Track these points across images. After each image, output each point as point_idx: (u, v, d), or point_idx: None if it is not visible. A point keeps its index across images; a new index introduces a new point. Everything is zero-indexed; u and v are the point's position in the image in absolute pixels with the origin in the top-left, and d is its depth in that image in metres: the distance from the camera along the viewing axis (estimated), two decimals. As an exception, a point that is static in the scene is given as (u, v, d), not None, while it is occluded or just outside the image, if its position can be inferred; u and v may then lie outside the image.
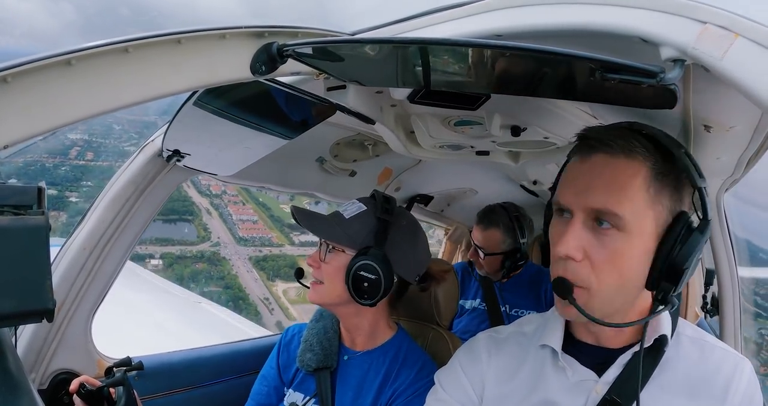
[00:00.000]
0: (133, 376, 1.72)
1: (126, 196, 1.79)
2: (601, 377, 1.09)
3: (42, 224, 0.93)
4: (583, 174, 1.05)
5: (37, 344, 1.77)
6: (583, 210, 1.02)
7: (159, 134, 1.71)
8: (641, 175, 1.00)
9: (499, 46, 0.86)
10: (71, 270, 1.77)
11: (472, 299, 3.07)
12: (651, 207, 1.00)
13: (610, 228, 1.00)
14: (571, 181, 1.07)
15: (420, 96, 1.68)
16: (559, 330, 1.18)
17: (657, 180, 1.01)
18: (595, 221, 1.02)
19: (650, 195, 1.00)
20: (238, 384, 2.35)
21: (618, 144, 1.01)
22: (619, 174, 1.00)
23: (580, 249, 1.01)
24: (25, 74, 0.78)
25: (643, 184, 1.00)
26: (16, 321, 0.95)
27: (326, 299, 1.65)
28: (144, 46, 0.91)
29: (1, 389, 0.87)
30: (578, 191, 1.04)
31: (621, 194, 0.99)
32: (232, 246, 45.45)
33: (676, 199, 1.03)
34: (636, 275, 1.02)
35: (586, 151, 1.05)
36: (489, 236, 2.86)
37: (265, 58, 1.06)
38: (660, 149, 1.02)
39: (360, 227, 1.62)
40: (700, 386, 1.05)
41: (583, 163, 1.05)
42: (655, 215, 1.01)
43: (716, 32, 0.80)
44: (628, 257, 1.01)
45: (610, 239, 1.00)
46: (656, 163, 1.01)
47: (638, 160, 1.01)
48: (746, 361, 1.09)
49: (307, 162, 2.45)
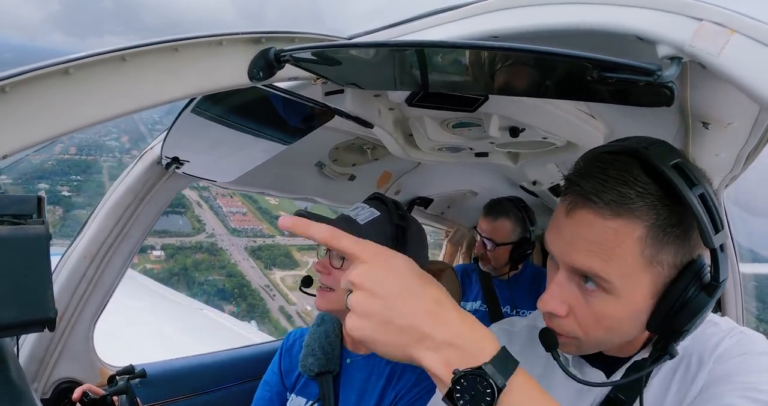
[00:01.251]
0: (136, 383, 1.71)
1: (126, 205, 1.79)
2: (609, 378, 1.08)
3: (42, 233, 0.93)
4: (567, 229, 0.92)
5: (39, 354, 1.77)
6: (566, 267, 0.93)
7: (158, 142, 1.71)
8: (634, 237, 0.86)
9: (496, 48, 0.86)
10: (72, 279, 1.77)
11: (472, 300, 3.07)
12: (646, 269, 0.88)
13: (597, 290, 0.90)
14: (556, 231, 0.95)
15: (418, 99, 1.68)
16: None
17: (657, 239, 0.86)
18: (581, 277, 0.92)
19: (645, 258, 0.87)
20: (240, 390, 2.35)
21: (607, 199, 0.86)
22: (607, 237, 0.87)
23: (563, 306, 0.94)
24: (23, 84, 0.78)
25: (636, 247, 0.86)
26: (18, 331, 0.95)
27: (336, 307, 1.62)
28: (141, 54, 0.91)
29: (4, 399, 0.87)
30: (563, 246, 0.93)
31: (608, 259, 0.87)
32: (227, 237, 46.49)
33: (684, 253, 0.89)
34: (629, 329, 0.96)
35: (571, 203, 0.91)
36: (499, 226, 2.84)
37: (262, 64, 1.06)
38: (668, 196, 0.86)
39: (377, 234, 1.60)
40: (697, 360, 0.99)
41: (567, 217, 0.92)
42: (652, 276, 0.89)
43: (712, 29, 0.80)
44: (618, 319, 0.92)
45: (596, 300, 0.91)
46: (658, 220, 0.86)
47: (631, 220, 0.86)
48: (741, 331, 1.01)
49: (307, 167, 2.45)
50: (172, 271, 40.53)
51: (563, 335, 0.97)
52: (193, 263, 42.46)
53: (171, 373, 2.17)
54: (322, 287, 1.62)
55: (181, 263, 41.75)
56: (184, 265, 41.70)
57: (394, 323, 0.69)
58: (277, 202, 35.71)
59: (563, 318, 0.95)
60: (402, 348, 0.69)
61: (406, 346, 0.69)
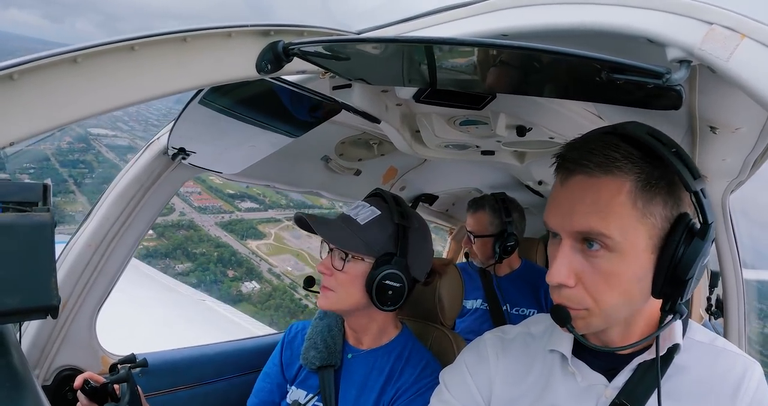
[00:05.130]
0: (137, 373, 1.72)
1: (131, 194, 1.80)
2: (611, 381, 1.08)
3: (47, 221, 0.94)
4: (564, 198, 1.00)
5: (41, 341, 1.77)
6: (569, 234, 0.98)
7: (164, 132, 1.71)
8: (625, 190, 0.94)
9: (505, 46, 0.86)
10: (76, 267, 1.77)
11: (473, 299, 3.07)
12: (641, 221, 0.95)
13: (600, 249, 0.96)
14: (554, 204, 1.03)
15: (425, 95, 1.68)
16: (569, 335, 1.14)
17: (645, 191, 0.95)
18: (584, 243, 0.98)
19: (638, 209, 0.94)
20: (241, 382, 2.36)
21: (594, 162, 0.95)
22: (601, 194, 0.95)
23: (571, 275, 0.98)
24: (31, 72, 0.78)
25: (628, 199, 0.94)
26: (21, 317, 0.96)
27: (340, 307, 1.63)
28: (150, 44, 0.91)
29: (6, 385, 0.88)
30: (562, 215, 0.99)
31: (606, 215, 0.94)
32: (197, 215, 48.47)
33: (672, 205, 0.97)
34: (638, 290, 0.99)
35: (564, 173, 1.01)
36: (477, 219, 2.92)
37: (270, 57, 1.06)
38: (647, 154, 0.95)
39: (378, 234, 1.60)
40: (710, 391, 1.02)
41: (563, 187, 1.01)
42: (648, 228, 0.95)
43: (723, 33, 0.80)
44: (624, 276, 0.97)
45: (601, 260, 0.96)
46: (642, 174, 0.95)
47: (619, 176, 0.95)
48: (756, 364, 1.06)
49: (313, 161, 2.45)
50: (168, 247, 42.24)
51: (574, 307, 1.00)
52: (183, 238, 44.60)
53: (172, 363, 2.18)
54: (324, 288, 1.62)
55: (173, 240, 43.62)
56: (178, 240, 43.70)
57: None
58: (222, 181, 39.02)
59: (572, 289, 0.99)
60: None
61: None
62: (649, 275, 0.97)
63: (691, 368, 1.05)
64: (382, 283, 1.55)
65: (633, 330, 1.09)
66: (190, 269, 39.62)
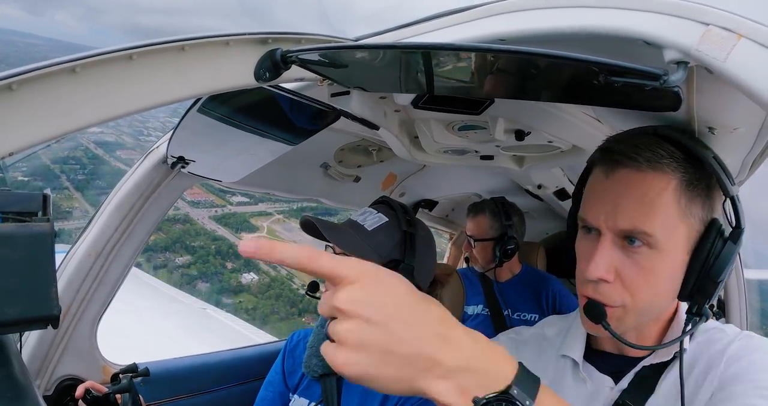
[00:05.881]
0: (139, 382, 1.72)
1: (131, 203, 1.80)
2: (617, 384, 1.08)
3: (47, 230, 0.94)
4: (608, 191, 0.99)
5: (42, 350, 1.77)
6: (611, 230, 0.98)
7: (164, 141, 1.72)
8: (671, 188, 0.95)
9: (503, 51, 0.86)
10: (76, 276, 1.77)
11: (474, 304, 3.07)
12: (683, 220, 0.96)
13: (642, 246, 0.96)
14: (596, 198, 1.02)
15: (424, 101, 1.68)
16: (581, 341, 1.15)
17: (688, 191, 0.96)
18: (624, 239, 0.98)
19: (681, 208, 0.95)
20: (242, 390, 2.35)
21: (644, 157, 0.96)
22: (648, 190, 0.95)
23: (611, 270, 0.98)
24: (29, 82, 0.78)
25: (673, 197, 0.95)
26: (22, 327, 0.95)
27: None
28: (148, 53, 0.91)
29: (7, 396, 0.87)
30: (606, 211, 0.99)
31: (651, 212, 0.95)
32: (190, 210, 49.24)
33: (708, 208, 0.98)
34: (670, 289, 0.99)
35: (611, 165, 1.00)
36: (477, 223, 2.93)
37: (268, 65, 1.06)
38: (689, 156, 0.97)
39: (385, 240, 1.59)
40: (708, 371, 1.01)
41: (608, 179, 1.00)
42: (687, 227, 0.97)
43: (719, 34, 0.80)
44: (662, 273, 0.97)
45: (641, 256, 0.96)
46: (686, 173, 0.96)
47: (667, 173, 0.96)
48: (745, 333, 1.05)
49: (312, 168, 2.46)
50: (167, 241, 42.92)
51: (609, 304, 0.99)
52: (180, 232, 45.25)
53: (174, 372, 2.18)
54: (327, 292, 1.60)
55: (171, 234, 44.23)
56: (176, 234, 44.41)
57: (397, 352, 0.59)
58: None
59: (610, 284, 0.98)
60: (407, 381, 0.60)
61: (412, 378, 0.59)
62: (679, 276, 0.99)
63: (692, 357, 1.05)
64: None
65: (647, 333, 1.09)
66: (190, 262, 39.96)
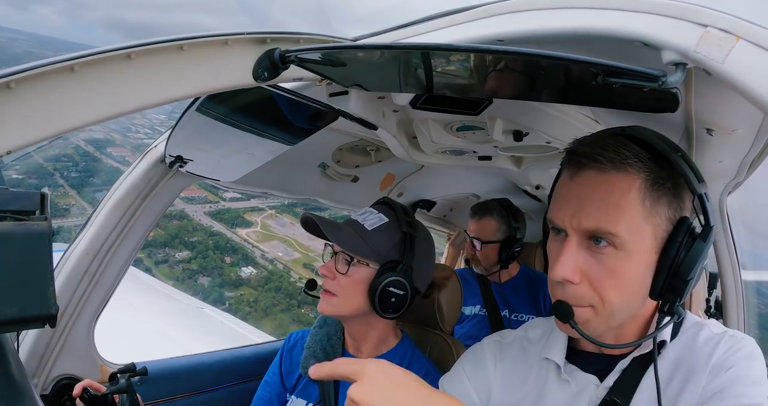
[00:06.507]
0: (137, 381, 1.71)
1: (129, 202, 1.80)
2: (602, 381, 1.08)
3: (45, 229, 0.93)
4: (573, 193, 1.00)
5: (39, 350, 1.77)
6: (576, 231, 0.99)
7: (162, 140, 1.71)
8: (635, 188, 0.96)
9: (501, 51, 0.86)
10: (74, 275, 1.77)
11: (472, 305, 3.06)
12: (648, 220, 0.96)
13: (607, 246, 0.97)
14: (562, 199, 1.03)
15: (422, 101, 1.68)
16: (562, 343, 1.16)
17: (653, 190, 0.96)
18: (590, 239, 0.98)
19: (646, 208, 0.96)
20: (240, 390, 2.35)
21: (607, 158, 0.96)
22: (612, 191, 0.96)
23: (577, 271, 0.98)
24: (28, 80, 0.78)
25: (637, 198, 0.95)
26: (19, 326, 0.95)
27: (341, 312, 1.61)
28: (146, 52, 0.91)
29: (4, 395, 0.87)
30: (571, 212, 0.99)
31: (615, 212, 0.95)
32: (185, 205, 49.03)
33: (676, 207, 0.98)
34: (639, 289, 1.00)
35: (575, 167, 1.01)
36: (484, 225, 2.89)
37: (267, 64, 1.06)
38: (655, 156, 0.97)
39: (385, 241, 1.59)
40: (692, 369, 1.02)
41: (573, 181, 1.01)
42: (653, 227, 0.97)
43: (717, 35, 0.80)
44: (629, 273, 0.97)
45: (607, 257, 0.97)
46: (651, 173, 0.96)
47: (631, 173, 0.96)
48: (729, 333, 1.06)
49: (310, 168, 2.45)
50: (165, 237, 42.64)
51: (577, 304, 1.00)
52: (178, 228, 45.20)
53: (172, 371, 2.17)
54: (326, 292, 1.60)
55: (169, 230, 44.12)
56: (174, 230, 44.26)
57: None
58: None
59: (577, 285, 0.99)
60: None
61: None
62: (649, 276, 0.98)
63: (676, 357, 1.06)
64: (385, 289, 1.54)
65: (626, 333, 1.10)
66: (190, 257, 39.94)
